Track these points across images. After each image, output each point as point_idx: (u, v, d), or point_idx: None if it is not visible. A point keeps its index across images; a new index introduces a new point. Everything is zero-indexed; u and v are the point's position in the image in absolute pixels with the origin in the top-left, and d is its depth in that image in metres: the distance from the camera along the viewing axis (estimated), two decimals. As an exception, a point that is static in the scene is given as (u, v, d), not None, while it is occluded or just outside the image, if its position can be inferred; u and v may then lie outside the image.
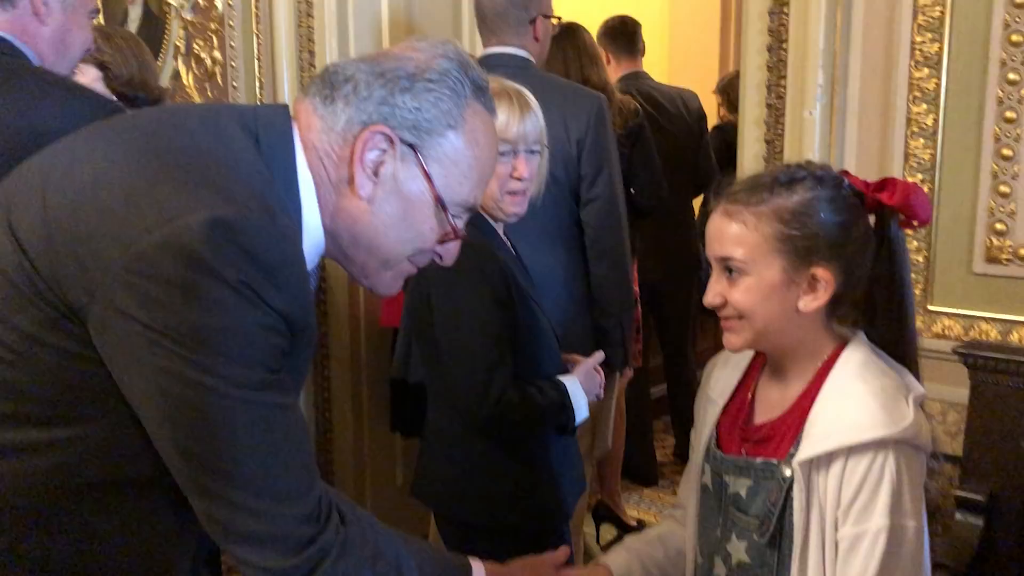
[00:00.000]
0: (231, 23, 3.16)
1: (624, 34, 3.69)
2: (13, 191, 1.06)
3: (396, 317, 2.91)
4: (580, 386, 1.81)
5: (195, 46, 3.31)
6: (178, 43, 3.33)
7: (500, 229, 1.85)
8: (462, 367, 1.73)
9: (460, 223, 1.16)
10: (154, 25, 3.40)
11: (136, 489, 1.05)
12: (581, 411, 1.80)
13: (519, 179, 1.75)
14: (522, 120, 1.73)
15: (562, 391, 1.78)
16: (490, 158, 1.18)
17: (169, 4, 3.33)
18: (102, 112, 1.46)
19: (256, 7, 3.08)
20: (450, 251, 1.19)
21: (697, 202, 3.84)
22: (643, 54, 3.77)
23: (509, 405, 1.71)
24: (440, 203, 1.12)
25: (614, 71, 3.63)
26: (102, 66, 2.50)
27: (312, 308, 1.08)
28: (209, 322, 0.94)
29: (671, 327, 3.89)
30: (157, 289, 0.93)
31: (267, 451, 0.99)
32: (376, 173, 1.09)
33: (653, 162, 3.21)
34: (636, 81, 3.66)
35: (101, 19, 3.54)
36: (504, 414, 1.71)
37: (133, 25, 3.45)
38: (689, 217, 3.82)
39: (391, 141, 1.08)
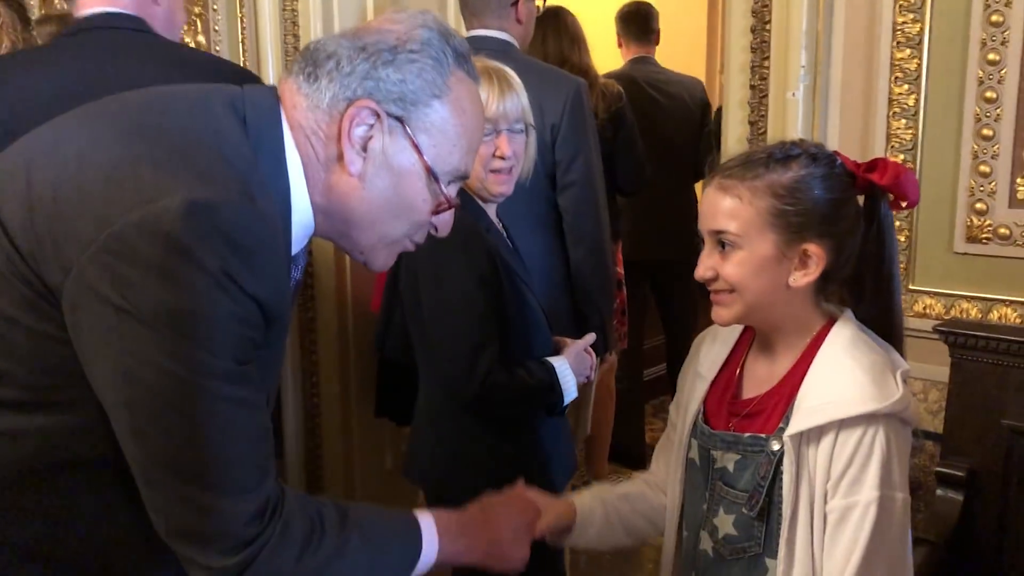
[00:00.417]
0: (215, 7, 3.14)
1: (637, 19, 3.73)
2: None
3: None
4: (569, 367, 1.81)
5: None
6: (161, 27, 3.32)
7: (491, 211, 1.85)
8: (448, 347, 1.74)
9: (452, 191, 1.16)
10: (137, 10, 3.38)
11: (116, 472, 1.04)
12: (570, 392, 1.81)
13: (502, 158, 1.75)
14: (502, 99, 1.73)
15: (551, 371, 1.79)
16: (477, 125, 1.18)
17: (152, -12, 3.31)
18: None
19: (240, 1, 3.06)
20: (445, 221, 1.19)
21: (699, 187, 3.87)
22: (657, 42, 3.80)
23: (496, 385, 1.72)
24: (431, 173, 1.11)
25: (624, 54, 3.74)
26: None
27: (288, 295, 1.08)
28: (182, 306, 0.94)
29: (674, 308, 3.93)
30: (131, 270, 0.93)
31: (221, 444, 0.99)
32: (365, 148, 1.09)
33: (635, 146, 3.22)
34: (643, 66, 3.71)
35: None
36: (491, 394, 1.72)
37: (116, 9, 3.42)
38: (691, 199, 3.87)
39: (377, 115, 1.08)
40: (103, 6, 1.81)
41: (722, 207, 1.30)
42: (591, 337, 1.93)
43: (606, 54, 3.69)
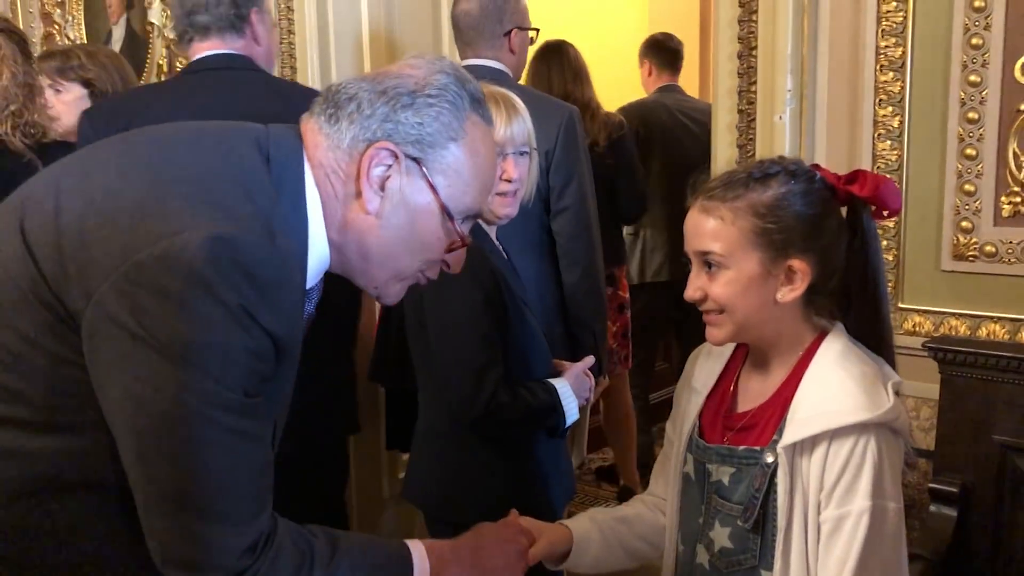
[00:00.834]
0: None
1: (668, 49, 3.93)
2: (29, 196, 1.10)
3: None
4: (571, 389, 1.84)
5: (178, 64, 3.35)
6: (161, 62, 3.37)
7: (492, 233, 1.89)
8: (453, 368, 1.76)
9: (465, 229, 1.20)
10: (137, 44, 3.44)
11: (121, 496, 1.06)
12: (571, 413, 1.83)
13: (508, 180, 1.79)
14: (509, 123, 1.77)
15: (552, 393, 1.81)
16: (490, 166, 1.23)
17: (152, 24, 3.37)
18: None
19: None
20: (457, 258, 1.23)
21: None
22: (679, 71, 4.00)
23: (500, 406, 1.74)
24: (446, 212, 1.15)
25: (653, 82, 3.94)
26: (87, 83, 2.54)
27: (301, 330, 1.11)
28: (197, 337, 0.97)
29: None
30: (151, 299, 0.96)
31: (224, 475, 1.01)
32: (383, 188, 1.13)
33: (636, 174, 3.37)
34: (672, 94, 3.92)
35: (84, 38, 3.58)
36: (495, 414, 1.74)
37: (117, 45, 3.48)
38: None
39: (396, 156, 1.12)
40: (218, 48, 2.10)
41: (706, 228, 1.33)
42: (590, 360, 1.95)
43: (601, 83, 3.73)
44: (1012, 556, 1.96)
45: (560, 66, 3.30)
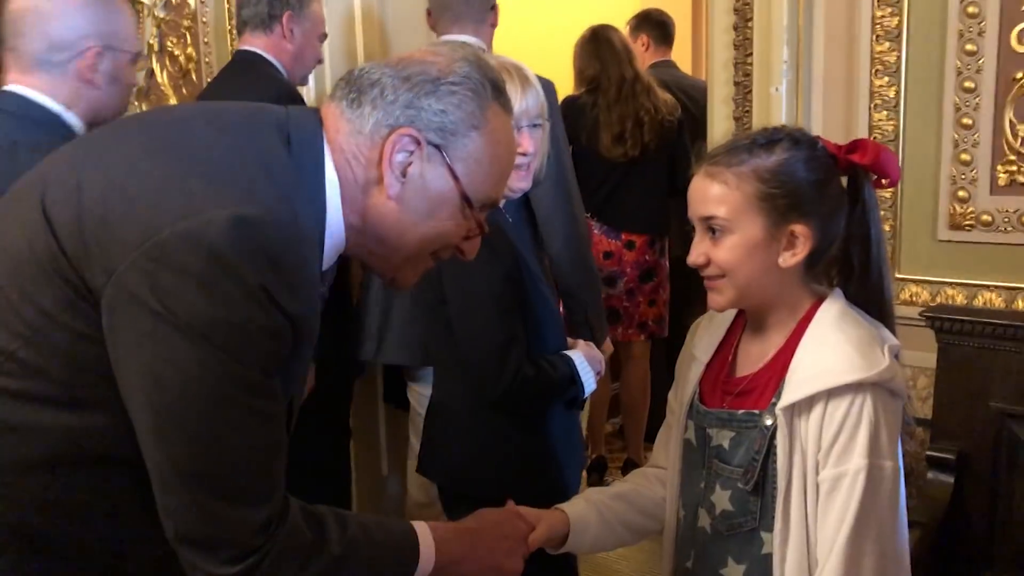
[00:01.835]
0: (204, 20, 3.18)
1: (661, 23, 3.99)
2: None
3: None
4: (586, 360, 1.85)
5: (168, 44, 3.33)
6: (151, 41, 3.35)
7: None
8: (477, 344, 1.76)
9: (482, 217, 1.21)
10: (127, 24, 3.41)
11: (135, 473, 1.07)
12: (589, 384, 1.85)
13: (523, 153, 1.75)
14: (524, 95, 1.74)
15: (571, 365, 1.82)
16: (509, 155, 1.23)
17: (141, 2, 3.35)
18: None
19: (229, 3, 3.10)
20: (472, 246, 1.24)
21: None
22: (672, 47, 4.07)
23: (525, 380, 1.74)
24: (465, 200, 1.16)
25: (650, 56, 3.90)
26: None
27: (318, 311, 1.11)
28: (216, 315, 0.98)
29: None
30: (172, 277, 0.97)
31: (240, 454, 1.02)
32: (404, 173, 1.13)
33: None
34: (668, 69, 3.92)
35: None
36: (520, 389, 1.75)
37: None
38: None
39: (418, 142, 1.12)
40: (248, 44, 2.49)
41: (710, 194, 1.33)
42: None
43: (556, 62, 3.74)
44: (1008, 520, 1.98)
45: (612, 48, 3.53)
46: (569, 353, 1.85)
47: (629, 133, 3.48)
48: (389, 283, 1.26)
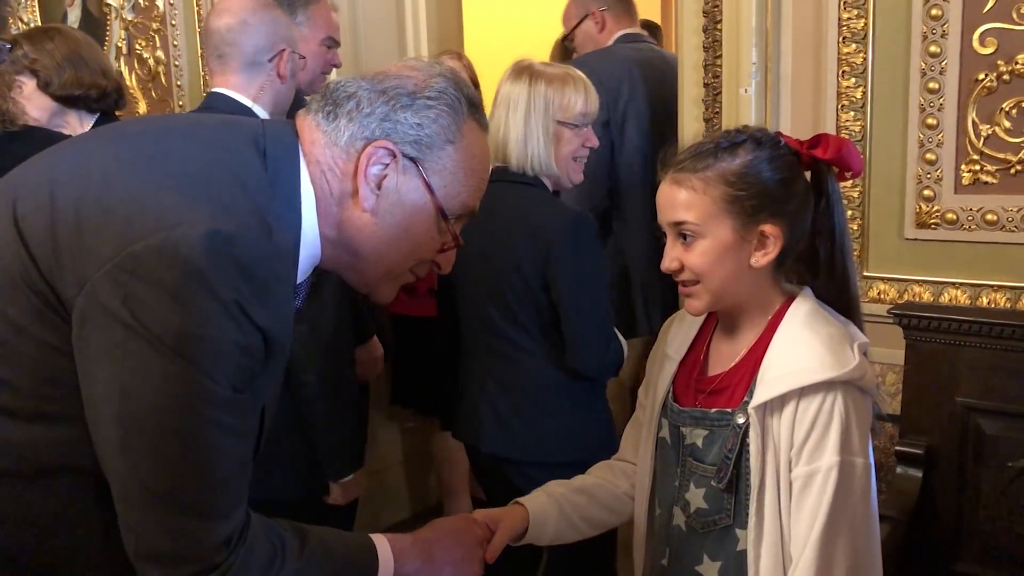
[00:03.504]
0: (173, 22, 3.15)
1: None
2: (21, 182, 1.09)
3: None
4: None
5: (137, 46, 3.30)
6: (120, 44, 3.32)
7: None
8: (590, 326, 1.98)
9: (458, 229, 1.22)
10: (94, 27, 3.38)
11: (101, 484, 1.06)
12: (625, 352, 2.12)
13: (591, 148, 2.05)
14: (587, 98, 2.03)
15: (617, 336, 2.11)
16: (484, 168, 1.24)
17: (109, 5, 3.32)
18: None
19: (198, 5, 3.08)
20: (448, 259, 1.25)
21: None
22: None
23: (618, 352, 2.05)
24: (441, 213, 1.17)
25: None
26: (33, 72, 2.43)
27: (291, 327, 1.11)
28: (189, 329, 0.97)
29: None
30: (145, 290, 0.96)
31: (206, 470, 1.01)
32: (379, 186, 1.14)
33: None
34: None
35: (39, 21, 3.52)
36: (617, 360, 2.06)
37: (73, 28, 3.42)
38: None
39: (394, 155, 1.13)
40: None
41: (678, 200, 1.35)
42: None
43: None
44: (976, 514, 2.02)
45: None
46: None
47: None
48: (366, 298, 1.26)
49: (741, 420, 1.34)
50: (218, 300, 0.98)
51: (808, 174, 1.40)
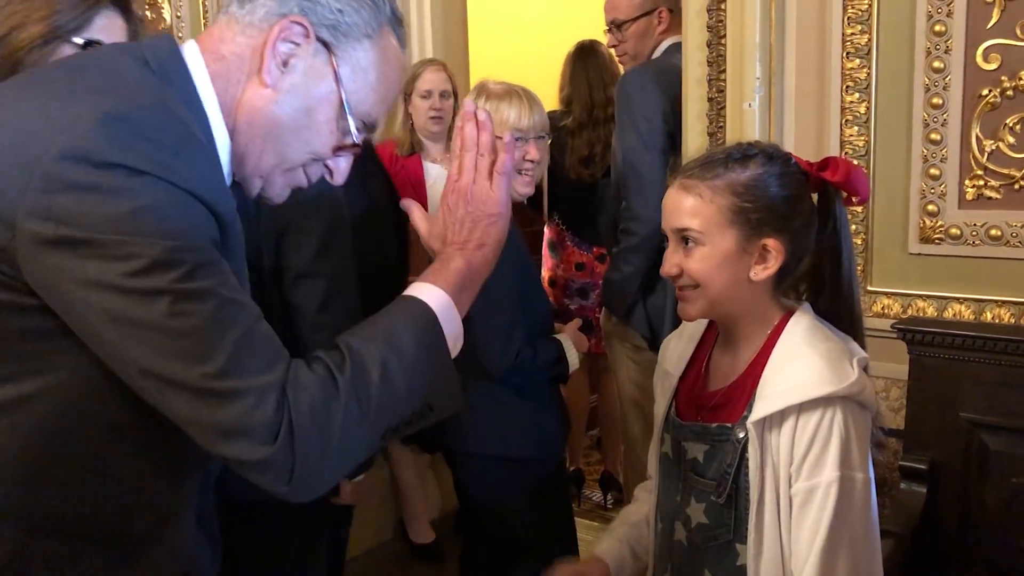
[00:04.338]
0: (180, 35, 3.18)
1: None
2: None
3: None
4: (571, 342, 2.22)
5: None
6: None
7: None
8: (486, 329, 1.99)
9: (358, 139, 1.17)
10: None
11: (119, 435, 1.04)
12: (573, 363, 2.22)
13: (531, 161, 2.11)
14: (531, 112, 2.13)
15: (559, 347, 2.19)
16: (396, 81, 1.19)
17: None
18: None
19: (205, 18, 3.10)
20: (341, 169, 1.19)
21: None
22: None
23: (526, 359, 2.10)
24: (343, 107, 1.13)
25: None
26: None
27: (229, 196, 1.06)
28: (122, 208, 0.93)
29: None
30: (68, 200, 0.92)
31: (217, 334, 0.96)
32: (285, 64, 1.10)
33: None
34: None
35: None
36: (521, 365, 2.10)
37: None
38: None
39: (307, 35, 1.09)
40: None
41: (685, 206, 1.36)
42: (578, 321, 2.41)
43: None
44: (979, 528, 2.01)
45: (592, 67, 3.52)
46: (558, 336, 2.21)
47: (599, 156, 3.46)
48: (258, 197, 1.19)
49: (741, 435, 1.34)
50: (137, 174, 0.93)
51: (815, 196, 1.41)
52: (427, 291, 1.13)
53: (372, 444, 1.06)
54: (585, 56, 3.53)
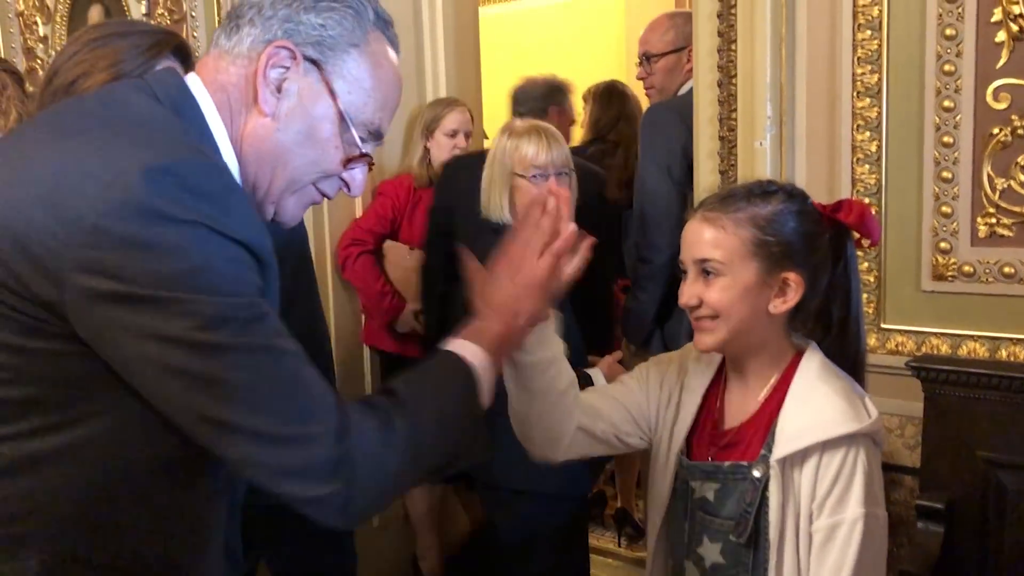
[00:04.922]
0: (195, 34, 3.20)
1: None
2: None
3: (376, 337, 3.08)
4: (603, 376, 2.12)
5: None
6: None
7: None
8: None
9: (367, 149, 1.17)
10: (123, 80, 3.44)
11: (166, 469, 1.05)
12: None
13: None
14: (549, 149, 2.20)
15: (588, 381, 2.08)
16: (394, 82, 1.19)
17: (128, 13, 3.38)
18: None
19: (219, 16, 3.12)
20: (357, 180, 1.20)
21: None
22: None
23: None
24: (344, 120, 1.13)
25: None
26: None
27: (267, 237, 1.07)
28: (177, 266, 0.94)
29: None
30: (116, 255, 0.93)
31: (275, 384, 0.98)
32: (279, 89, 1.11)
33: None
34: None
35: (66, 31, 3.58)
36: None
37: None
38: None
39: (294, 56, 1.10)
40: None
41: (706, 237, 1.37)
42: (619, 354, 2.31)
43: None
44: (999, 569, 1.98)
45: (627, 102, 3.63)
46: (590, 372, 2.12)
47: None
48: (272, 219, 1.20)
49: (758, 473, 1.34)
50: (183, 225, 0.94)
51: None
52: (471, 351, 1.18)
53: (413, 484, 1.14)
54: (617, 91, 3.63)
